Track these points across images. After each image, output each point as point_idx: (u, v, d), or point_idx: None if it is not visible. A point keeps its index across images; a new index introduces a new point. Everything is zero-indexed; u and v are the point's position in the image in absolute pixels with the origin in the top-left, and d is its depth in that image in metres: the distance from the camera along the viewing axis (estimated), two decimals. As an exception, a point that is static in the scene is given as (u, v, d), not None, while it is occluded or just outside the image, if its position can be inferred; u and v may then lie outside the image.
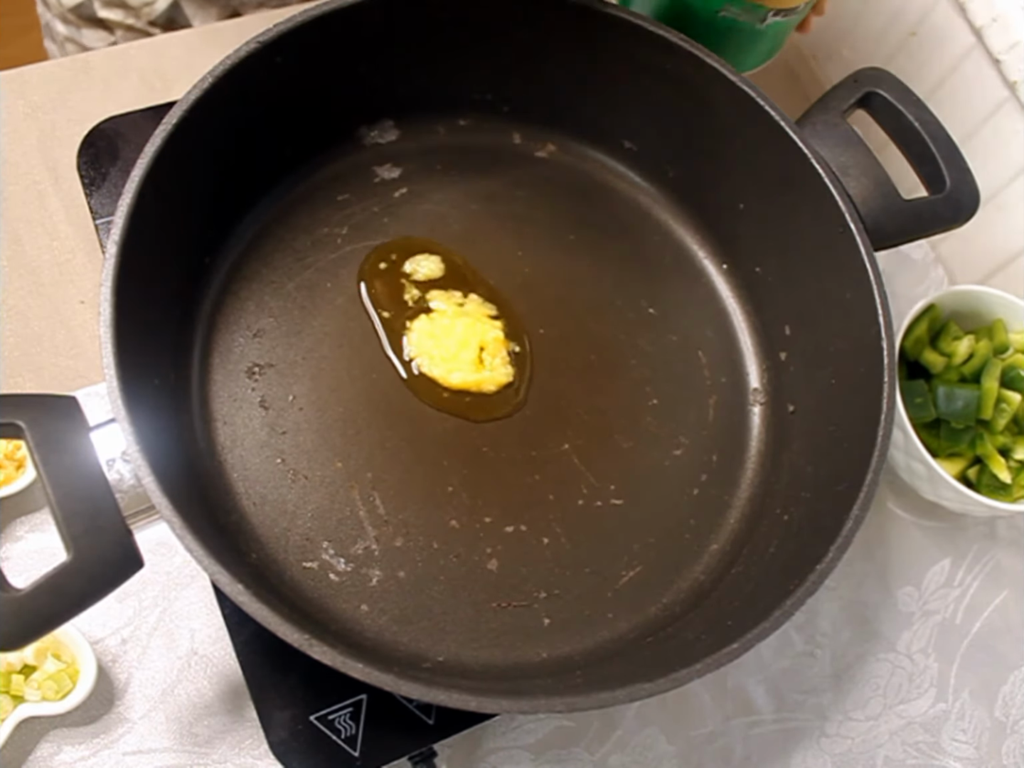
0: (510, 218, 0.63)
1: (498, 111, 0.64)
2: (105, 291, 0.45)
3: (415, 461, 0.55)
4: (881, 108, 0.57)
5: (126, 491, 0.42)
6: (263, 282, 0.58)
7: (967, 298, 0.66)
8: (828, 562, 0.47)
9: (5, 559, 0.55)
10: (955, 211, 0.56)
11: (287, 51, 0.53)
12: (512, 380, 0.58)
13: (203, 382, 0.55)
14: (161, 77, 0.70)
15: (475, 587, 0.53)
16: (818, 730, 0.61)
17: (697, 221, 0.65)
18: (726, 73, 0.56)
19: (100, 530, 0.41)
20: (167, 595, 0.56)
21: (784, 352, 0.61)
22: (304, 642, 0.40)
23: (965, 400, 0.62)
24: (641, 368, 0.61)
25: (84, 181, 0.62)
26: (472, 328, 0.58)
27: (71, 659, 0.52)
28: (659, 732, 0.59)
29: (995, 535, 0.68)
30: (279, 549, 0.52)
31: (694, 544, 0.57)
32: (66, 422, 0.42)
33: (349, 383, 0.57)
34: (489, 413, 0.57)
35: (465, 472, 0.56)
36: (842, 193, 0.55)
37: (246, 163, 0.57)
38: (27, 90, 0.68)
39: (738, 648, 0.44)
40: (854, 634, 0.64)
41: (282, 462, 0.54)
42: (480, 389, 0.57)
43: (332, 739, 0.51)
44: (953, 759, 0.62)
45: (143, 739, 0.53)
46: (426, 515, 0.54)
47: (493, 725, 0.57)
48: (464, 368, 0.57)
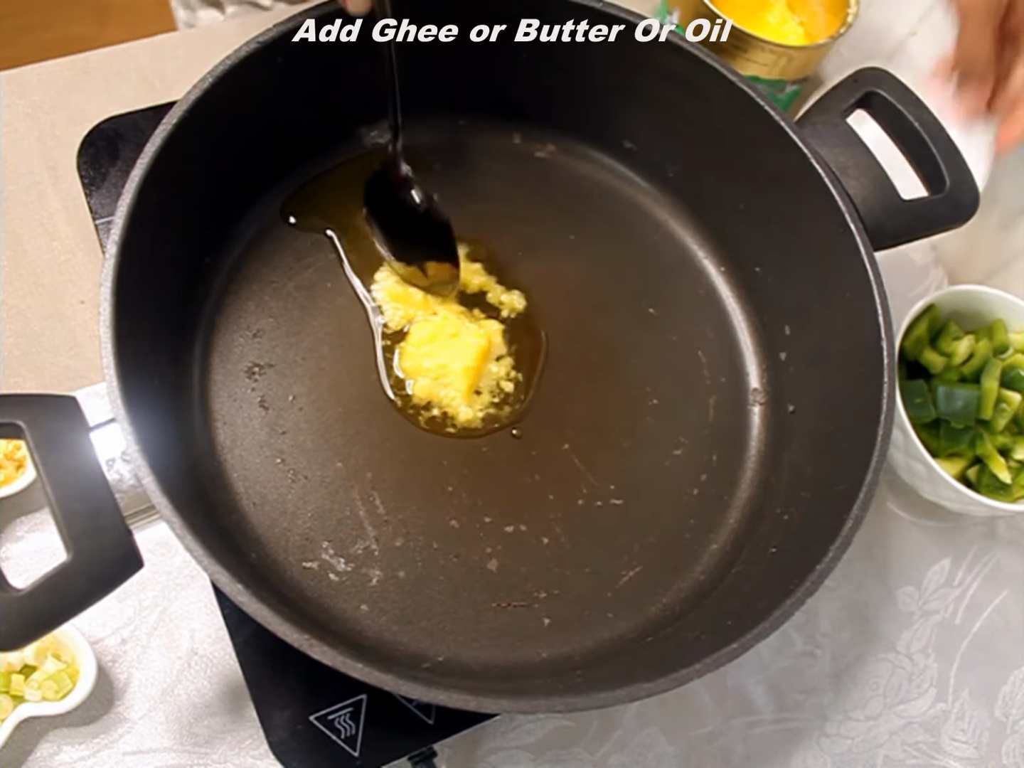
0: (510, 218, 0.63)
1: (498, 111, 0.64)
2: (105, 291, 0.45)
3: (415, 461, 0.55)
4: (881, 108, 0.57)
5: (126, 491, 0.42)
6: (263, 282, 0.58)
7: (967, 298, 0.66)
8: (828, 562, 0.47)
9: (5, 559, 0.55)
10: (955, 211, 0.56)
11: (287, 51, 0.53)
12: (502, 419, 0.57)
13: (203, 382, 0.55)
14: (161, 77, 0.70)
15: (475, 587, 0.53)
16: (818, 730, 0.61)
17: (697, 221, 0.65)
18: (726, 73, 0.56)
19: (100, 530, 0.41)
20: (167, 595, 0.56)
21: (784, 352, 0.61)
22: (304, 642, 0.40)
23: (965, 400, 0.62)
24: (641, 368, 0.61)
25: (84, 181, 0.62)
26: (466, 359, 0.57)
27: (71, 659, 0.52)
28: (659, 732, 0.59)
29: (995, 535, 0.68)
30: (279, 549, 0.52)
31: (694, 544, 0.57)
32: (66, 422, 0.42)
33: (349, 383, 0.57)
34: (489, 425, 0.57)
35: (465, 472, 0.56)
36: (842, 193, 0.55)
37: (246, 163, 0.57)
38: (27, 90, 0.68)
39: (738, 648, 0.44)
40: (854, 634, 0.64)
41: (282, 462, 0.54)
42: (470, 426, 0.57)
43: (332, 739, 0.51)
44: (953, 759, 0.62)
45: (143, 739, 0.53)
46: (426, 515, 0.54)
47: (493, 725, 0.57)
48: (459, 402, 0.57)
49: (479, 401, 0.57)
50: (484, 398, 0.57)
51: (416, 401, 0.57)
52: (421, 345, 0.57)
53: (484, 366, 0.58)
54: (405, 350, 0.57)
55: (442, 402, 0.57)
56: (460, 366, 0.57)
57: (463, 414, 0.57)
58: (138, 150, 0.48)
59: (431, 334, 0.57)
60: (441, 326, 0.58)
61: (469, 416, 0.57)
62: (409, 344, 0.58)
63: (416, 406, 0.56)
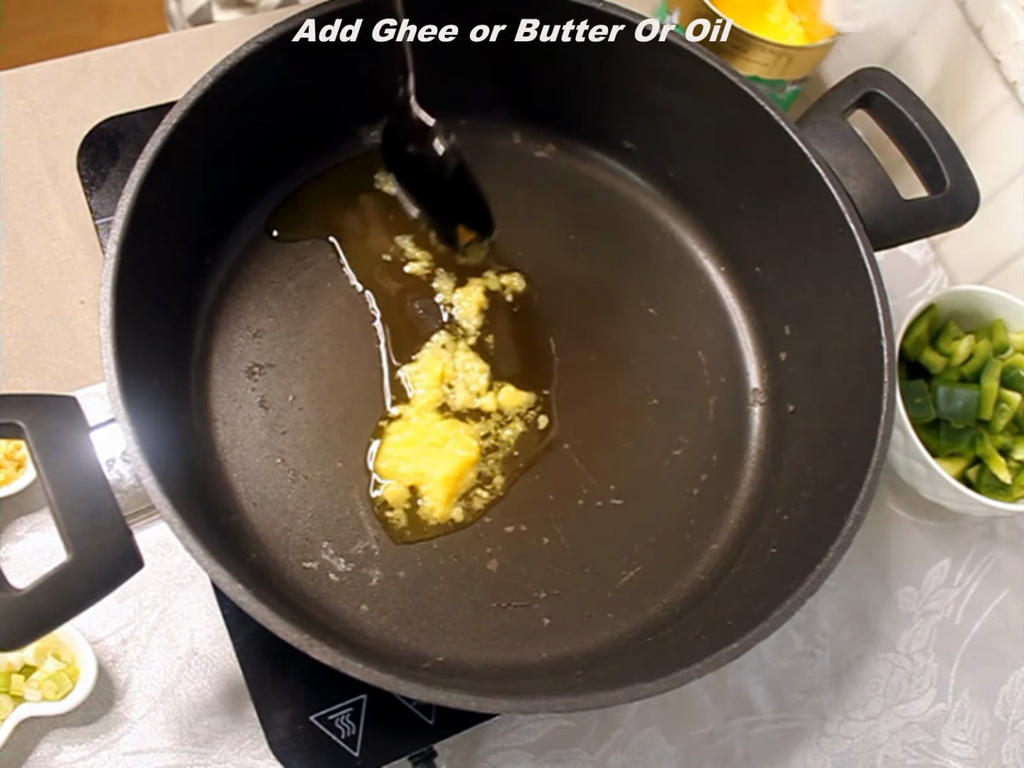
0: (510, 218, 0.63)
1: (498, 111, 0.64)
2: (105, 291, 0.45)
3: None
4: (881, 108, 0.57)
5: (126, 491, 0.42)
6: (263, 282, 0.58)
7: (967, 298, 0.66)
8: (828, 562, 0.47)
9: (5, 559, 0.55)
10: (955, 211, 0.56)
11: (287, 51, 0.53)
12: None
13: (203, 382, 0.55)
14: (161, 77, 0.70)
15: (475, 587, 0.53)
16: (818, 730, 0.61)
17: (697, 221, 0.65)
18: (726, 73, 0.56)
19: (100, 530, 0.41)
20: (167, 595, 0.56)
21: (784, 352, 0.61)
22: (304, 642, 0.40)
23: (965, 400, 0.62)
24: (641, 368, 0.61)
25: (84, 181, 0.62)
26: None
27: (71, 659, 0.52)
28: (659, 732, 0.59)
29: (995, 535, 0.68)
30: (279, 549, 0.52)
31: (694, 544, 0.57)
32: (66, 422, 0.42)
33: (349, 383, 0.57)
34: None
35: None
36: (842, 193, 0.55)
37: (246, 163, 0.57)
38: (27, 90, 0.68)
39: (738, 648, 0.44)
40: (854, 634, 0.64)
41: (282, 462, 0.54)
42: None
43: (332, 739, 0.51)
44: (953, 759, 0.62)
45: (143, 739, 0.53)
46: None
47: (493, 725, 0.57)
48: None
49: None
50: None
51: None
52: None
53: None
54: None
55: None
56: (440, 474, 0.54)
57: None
58: (138, 150, 0.48)
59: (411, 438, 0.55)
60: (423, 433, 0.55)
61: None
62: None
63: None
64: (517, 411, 0.57)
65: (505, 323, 0.60)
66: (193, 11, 0.88)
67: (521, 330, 0.60)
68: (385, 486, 0.54)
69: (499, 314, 0.60)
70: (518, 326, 0.60)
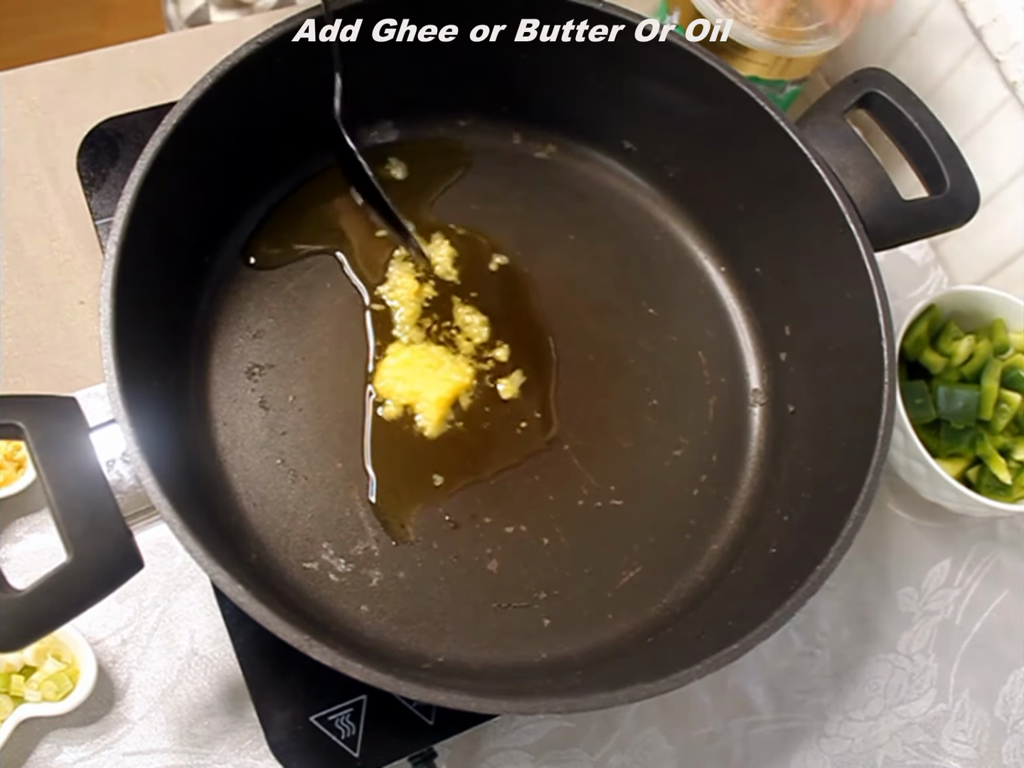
0: (510, 218, 0.63)
1: (498, 111, 0.64)
2: (105, 291, 0.45)
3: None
4: (881, 108, 0.57)
5: (126, 492, 0.42)
6: (263, 282, 0.58)
7: (967, 298, 0.66)
8: (828, 562, 0.47)
9: (5, 559, 0.55)
10: (955, 211, 0.56)
11: (287, 51, 0.53)
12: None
13: (203, 383, 0.55)
14: (161, 77, 0.70)
15: (475, 587, 0.53)
16: (818, 730, 0.61)
17: (697, 221, 0.65)
18: (726, 73, 0.56)
19: (100, 531, 0.41)
20: (167, 596, 0.56)
21: (784, 352, 0.61)
22: (304, 643, 0.40)
23: (965, 400, 0.62)
24: (641, 368, 0.61)
25: (84, 181, 0.62)
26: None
27: (71, 659, 0.52)
28: (659, 732, 0.59)
29: (995, 535, 0.68)
30: (279, 550, 0.52)
31: (694, 544, 0.57)
32: (66, 423, 0.42)
33: (349, 383, 0.56)
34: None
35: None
36: (842, 193, 0.55)
37: (246, 163, 0.57)
38: (27, 90, 0.68)
39: (738, 648, 0.44)
40: (854, 634, 0.64)
41: (282, 462, 0.54)
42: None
43: (332, 740, 0.51)
44: (953, 759, 0.62)
45: (143, 739, 0.53)
46: (426, 515, 0.54)
47: (493, 725, 0.57)
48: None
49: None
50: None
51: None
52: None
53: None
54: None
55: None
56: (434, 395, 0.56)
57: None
58: (138, 150, 0.48)
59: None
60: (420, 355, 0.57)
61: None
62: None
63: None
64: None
65: (505, 325, 0.60)
66: (190, 12, 0.88)
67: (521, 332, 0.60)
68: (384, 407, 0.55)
69: (499, 315, 0.60)
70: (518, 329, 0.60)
